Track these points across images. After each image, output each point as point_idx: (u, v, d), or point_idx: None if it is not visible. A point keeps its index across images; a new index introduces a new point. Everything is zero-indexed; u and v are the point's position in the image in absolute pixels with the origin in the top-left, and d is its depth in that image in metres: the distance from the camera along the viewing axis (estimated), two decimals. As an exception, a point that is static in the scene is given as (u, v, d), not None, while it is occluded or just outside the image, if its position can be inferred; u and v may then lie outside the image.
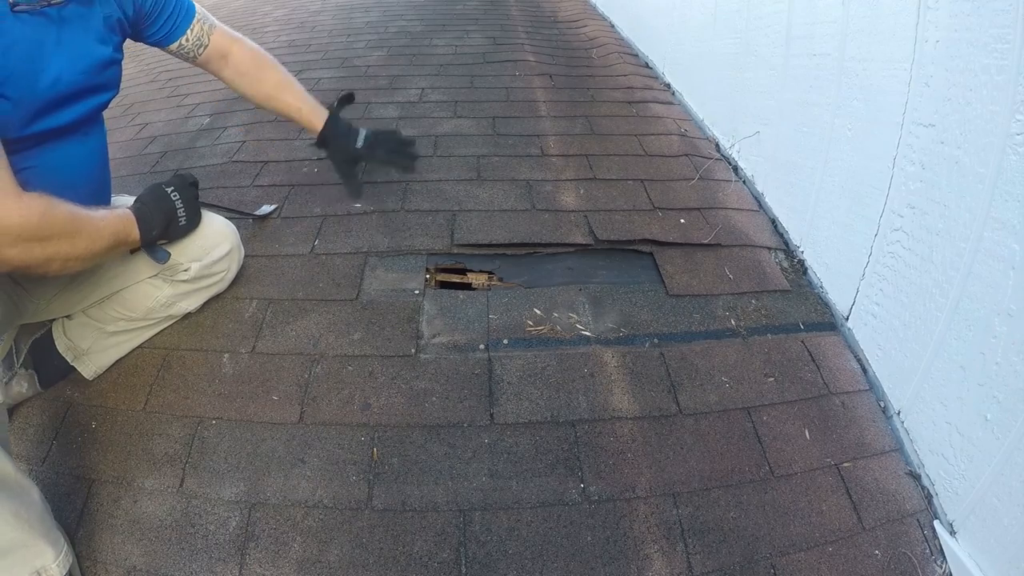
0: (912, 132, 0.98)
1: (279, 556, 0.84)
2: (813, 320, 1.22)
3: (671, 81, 2.36)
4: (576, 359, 1.11)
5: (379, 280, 1.28)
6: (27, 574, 0.75)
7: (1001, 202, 0.79)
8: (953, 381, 0.88)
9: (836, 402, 1.06)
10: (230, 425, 1.00)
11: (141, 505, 0.90)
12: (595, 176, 1.65)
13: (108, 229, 0.88)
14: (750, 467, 0.95)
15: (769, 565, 0.84)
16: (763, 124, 1.56)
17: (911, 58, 0.97)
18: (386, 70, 2.46)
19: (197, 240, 1.09)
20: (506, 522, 0.88)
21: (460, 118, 1.99)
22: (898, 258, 1.02)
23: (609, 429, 1.00)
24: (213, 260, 1.12)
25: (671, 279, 1.29)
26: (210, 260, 1.12)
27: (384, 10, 3.58)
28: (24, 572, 0.75)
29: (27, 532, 0.74)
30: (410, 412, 1.01)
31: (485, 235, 1.39)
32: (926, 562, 0.86)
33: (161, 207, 1.00)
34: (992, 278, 0.80)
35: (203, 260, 1.11)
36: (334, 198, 1.54)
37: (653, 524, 0.88)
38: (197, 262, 1.10)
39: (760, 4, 1.57)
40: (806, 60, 1.33)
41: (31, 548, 0.75)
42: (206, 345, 1.13)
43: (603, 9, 3.52)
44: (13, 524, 0.72)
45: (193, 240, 1.09)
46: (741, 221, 1.49)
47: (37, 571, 0.75)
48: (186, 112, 2.20)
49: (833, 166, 1.23)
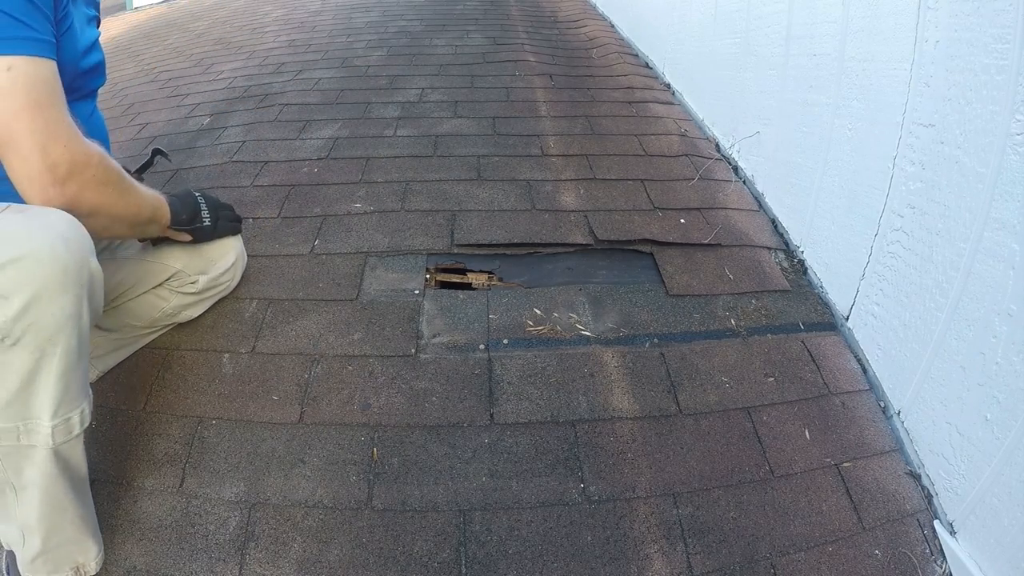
0: (912, 132, 0.98)
1: (279, 556, 0.84)
2: (813, 320, 1.22)
3: (671, 81, 2.36)
4: (576, 359, 1.11)
5: (379, 280, 1.28)
6: (69, 567, 0.79)
7: (1001, 202, 0.79)
8: (953, 381, 0.88)
9: (836, 402, 1.06)
10: (230, 425, 1.00)
11: (141, 505, 0.90)
12: (595, 176, 1.65)
13: (150, 198, 0.93)
14: (750, 467, 0.95)
15: (769, 565, 0.84)
16: (763, 124, 1.56)
17: (911, 58, 0.97)
18: (386, 70, 2.46)
19: (204, 253, 1.11)
20: (506, 522, 0.88)
21: (460, 118, 1.99)
22: (898, 258, 1.02)
23: (609, 429, 1.00)
24: (220, 272, 1.14)
25: (671, 279, 1.29)
26: (216, 272, 1.13)
27: (384, 10, 3.58)
28: (67, 565, 0.79)
29: (83, 530, 0.79)
30: (410, 412, 1.01)
31: (485, 235, 1.39)
32: (926, 562, 0.86)
33: (186, 202, 1.04)
34: (992, 278, 0.80)
35: (210, 273, 1.12)
36: (334, 198, 1.54)
37: (653, 524, 0.88)
38: (204, 275, 1.11)
39: (760, 4, 1.57)
40: (806, 60, 1.33)
41: (80, 544, 0.79)
42: (206, 345, 1.13)
43: (603, 9, 3.52)
44: (79, 525, 0.78)
45: (200, 253, 1.10)
46: (741, 221, 1.49)
47: (79, 566, 0.80)
48: (186, 112, 2.20)
49: (833, 166, 1.23)
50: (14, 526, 0.76)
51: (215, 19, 3.95)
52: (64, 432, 0.70)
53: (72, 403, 0.71)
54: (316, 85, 2.30)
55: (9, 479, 0.72)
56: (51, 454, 0.71)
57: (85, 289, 0.69)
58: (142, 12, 4.99)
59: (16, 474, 0.71)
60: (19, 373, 0.66)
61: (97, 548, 0.81)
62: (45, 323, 0.65)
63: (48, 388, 0.68)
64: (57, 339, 0.66)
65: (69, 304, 0.67)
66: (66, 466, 0.74)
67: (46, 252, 0.65)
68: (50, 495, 0.73)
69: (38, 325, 0.65)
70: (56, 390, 0.68)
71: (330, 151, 1.78)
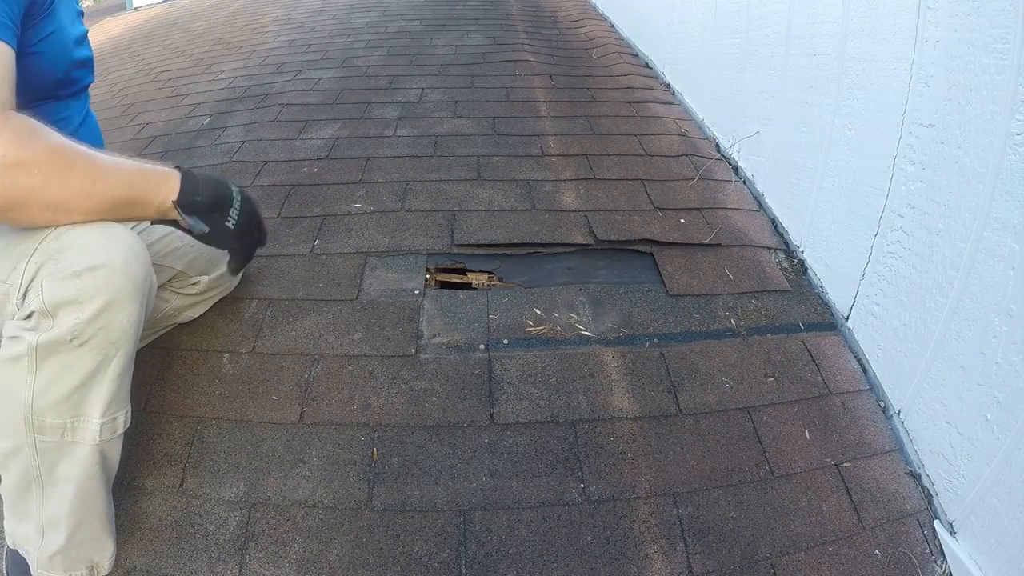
0: (912, 132, 0.98)
1: (279, 556, 0.84)
2: (813, 320, 1.22)
3: (671, 81, 2.36)
4: (576, 359, 1.11)
5: (379, 280, 1.28)
6: (85, 565, 0.81)
7: (1001, 202, 0.79)
8: (953, 381, 0.88)
9: (836, 402, 1.06)
10: (230, 425, 1.00)
11: (141, 505, 0.90)
12: (595, 176, 1.65)
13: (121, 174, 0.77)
14: (750, 467, 0.95)
15: (769, 565, 0.84)
16: (763, 124, 1.56)
17: (911, 58, 0.97)
18: (386, 70, 2.46)
19: (206, 254, 1.10)
20: (506, 522, 0.88)
21: (460, 118, 1.99)
22: (898, 258, 1.02)
23: (609, 429, 1.00)
24: (221, 272, 1.13)
25: (671, 279, 1.29)
26: (218, 273, 1.12)
27: (384, 10, 3.58)
28: (83, 564, 0.80)
29: (106, 527, 0.81)
30: (410, 412, 1.01)
31: (485, 235, 1.39)
32: (926, 562, 0.86)
33: (215, 188, 0.89)
34: (992, 278, 0.80)
35: (212, 274, 1.12)
36: (334, 198, 1.54)
37: (653, 524, 0.88)
38: (206, 276, 1.11)
39: (760, 4, 1.57)
40: (806, 60, 1.33)
41: (99, 542, 0.81)
42: (206, 345, 1.13)
43: (603, 9, 3.52)
44: (103, 521, 0.80)
45: (202, 254, 1.09)
46: (741, 221, 1.49)
47: (94, 564, 0.81)
48: (186, 112, 2.20)
49: (833, 166, 1.23)
50: (32, 523, 0.77)
51: (215, 19, 3.95)
52: (110, 430, 0.75)
53: (120, 403, 0.76)
54: (316, 85, 2.30)
55: (40, 475, 0.74)
56: (95, 450, 0.74)
57: (147, 299, 0.75)
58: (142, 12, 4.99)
59: (49, 471, 0.74)
60: (80, 373, 0.70)
61: (112, 548, 0.83)
62: (114, 328, 0.71)
63: (103, 388, 0.73)
64: (121, 343, 0.72)
65: (135, 312, 0.73)
66: (105, 463, 0.77)
67: (120, 263, 0.70)
68: (85, 490, 0.76)
69: (108, 329, 0.70)
70: (110, 390, 0.73)
71: (330, 151, 1.78)
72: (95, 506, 0.78)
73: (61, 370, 0.69)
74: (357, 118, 2.01)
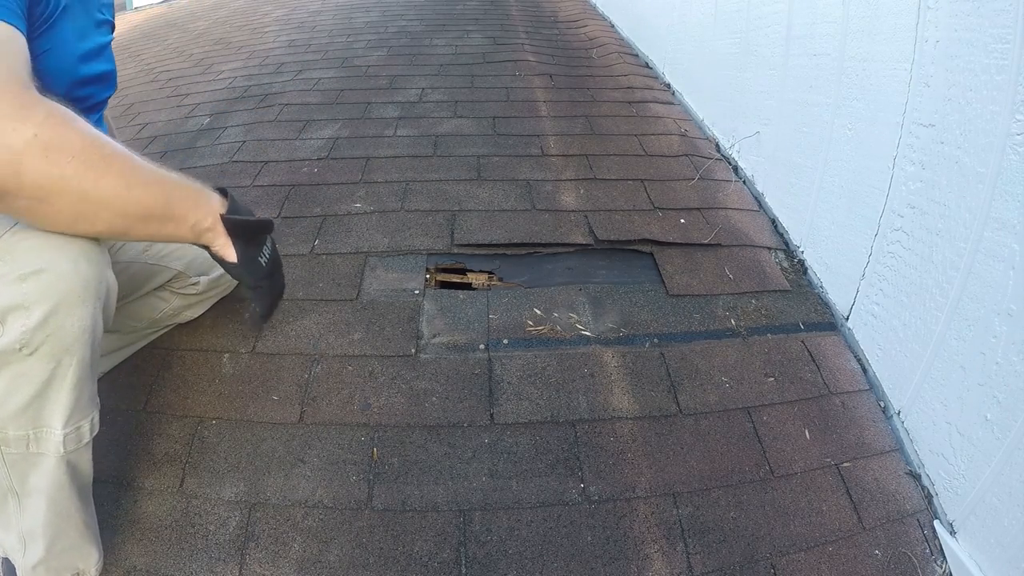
0: (912, 132, 0.98)
1: (279, 556, 0.84)
2: (813, 320, 1.22)
3: (671, 81, 2.36)
4: (576, 359, 1.11)
5: (379, 280, 1.28)
6: (70, 572, 0.79)
7: (1001, 202, 0.79)
8: (953, 381, 0.88)
9: (836, 402, 1.06)
10: (230, 425, 1.00)
11: (141, 505, 0.90)
12: (595, 176, 1.65)
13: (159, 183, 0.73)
14: (750, 467, 0.95)
15: (769, 565, 0.84)
16: (763, 124, 1.56)
17: (911, 58, 0.97)
18: (386, 70, 2.46)
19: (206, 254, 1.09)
20: (506, 522, 0.88)
21: (460, 118, 1.99)
22: (898, 258, 1.02)
23: (609, 429, 1.00)
24: (220, 273, 1.12)
25: (671, 279, 1.29)
26: (217, 274, 1.12)
27: (384, 10, 3.58)
28: (68, 572, 0.79)
29: (86, 536, 0.79)
30: (410, 412, 1.01)
31: (485, 235, 1.39)
32: (926, 562, 0.86)
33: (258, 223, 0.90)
34: (992, 278, 0.80)
35: (211, 274, 1.11)
36: (334, 198, 1.54)
37: (653, 524, 0.88)
38: (205, 276, 1.11)
39: (760, 4, 1.57)
40: (806, 60, 1.33)
41: (82, 550, 0.79)
42: (206, 345, 1.13)
43: (603, 9, 3.52)
44: (82, 531, 0.78)
45: (201, 254, 1.08)
46: (741, 221, 1.49)
47: (80, 571, 0.80)
48: (186, 112, 2.20)
49: (833, 166, 1.23)
50: (13, 534, 0.75)
51: (215, 19, 3.95)
52: (75, 440, 0.71)
53: (83, 412, 0.71)
54: (316, 85, 2.30)
55: (13, 487, 0.72)
56: (61, 462, 0.71)
57: (101, 302, 0.69)
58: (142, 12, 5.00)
59: (21, 482, 0.71)
60: (35, 382, 0.66)
61: (98, 554, 0.81)
62: (63, 334, 0.65)
63: (61, 397, 0.68)
64: (74, 349, 0.67)
65: (87, 316, 0.67)
66: (74, 473, 0.74)
67: (68, 265, 0.65)
68: (57, 502, 0.73)
69: (57, 336, 0.65)
70: (69, 399, 0.69)
71: (330, 151, 1.78)
72: (70, 517, 0.76)
73: (15, 380, 0.65)
74: (357, 118, 2.01)
